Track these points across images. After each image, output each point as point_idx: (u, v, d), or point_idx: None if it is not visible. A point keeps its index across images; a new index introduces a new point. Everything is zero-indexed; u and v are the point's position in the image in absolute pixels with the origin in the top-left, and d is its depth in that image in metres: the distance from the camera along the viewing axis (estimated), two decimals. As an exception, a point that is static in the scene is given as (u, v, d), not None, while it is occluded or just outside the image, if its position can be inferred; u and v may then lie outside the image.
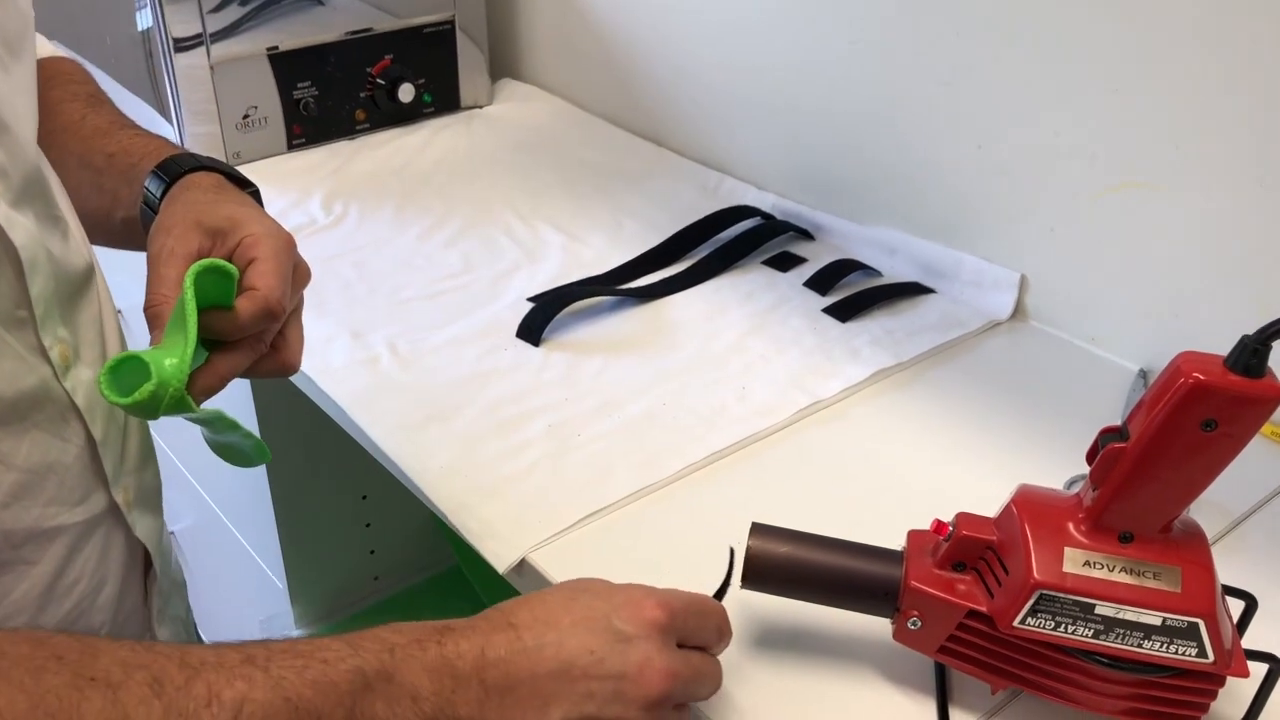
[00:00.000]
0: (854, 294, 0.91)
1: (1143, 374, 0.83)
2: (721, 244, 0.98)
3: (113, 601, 0.63)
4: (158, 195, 0.64)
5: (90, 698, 0.42)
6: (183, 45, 1.07)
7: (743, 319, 0.88)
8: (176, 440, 1.20)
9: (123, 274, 0.73)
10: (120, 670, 0.43)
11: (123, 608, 0.64)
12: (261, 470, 1.03)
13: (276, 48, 1.11)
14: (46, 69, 0.73)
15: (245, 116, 1.12)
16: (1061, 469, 0.70)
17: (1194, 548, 0.51)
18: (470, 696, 0.49)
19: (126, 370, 0.53)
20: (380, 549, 1.16)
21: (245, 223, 0.61)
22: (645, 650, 0.51)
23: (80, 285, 0.62)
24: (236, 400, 0.98)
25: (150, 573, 0.67)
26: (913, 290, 0.92)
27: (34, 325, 0.55)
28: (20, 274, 0.54)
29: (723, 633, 0.55)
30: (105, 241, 0.70)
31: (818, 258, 0.96)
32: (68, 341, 0.58)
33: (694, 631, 0.53)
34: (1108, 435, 0.50)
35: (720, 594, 0.56)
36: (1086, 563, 0.51)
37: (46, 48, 0.75)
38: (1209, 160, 0.76)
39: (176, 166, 0.65)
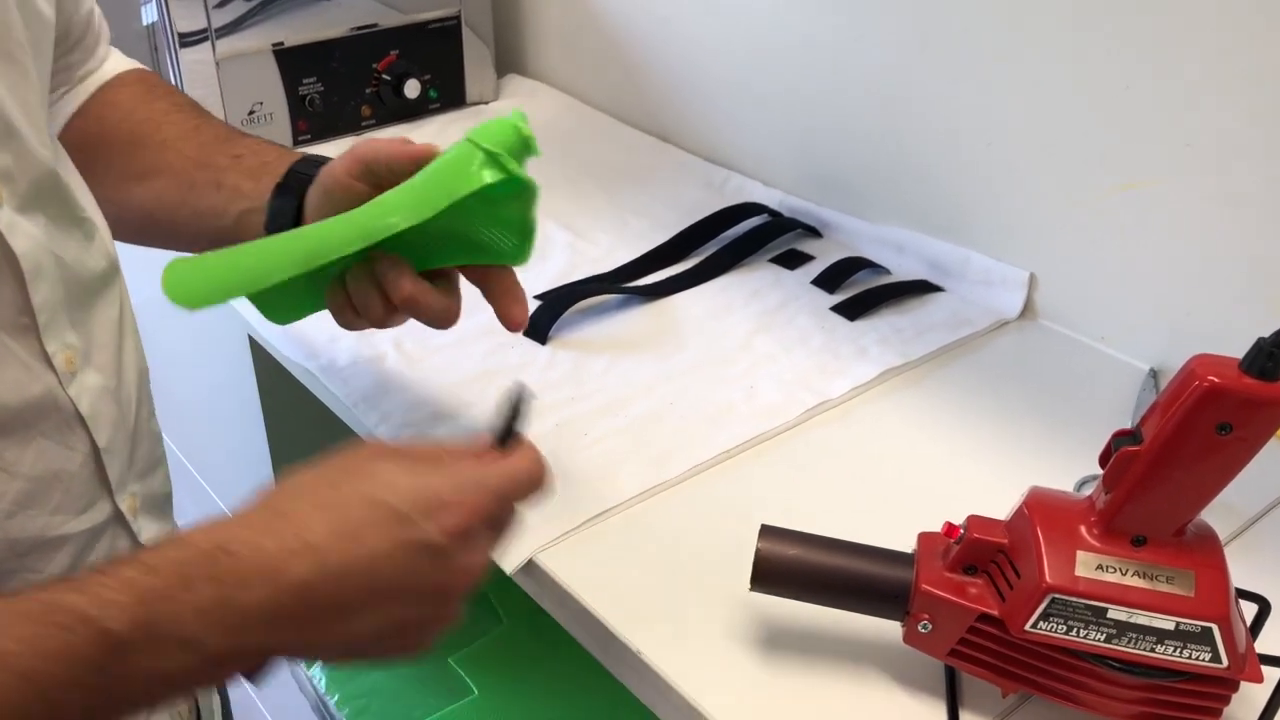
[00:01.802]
0: (862, 292, 0.90)
1: (1153, 373, 0.82)
2: (728, 241, 0.98)
3: None
4: (305, 183, 0.66)
5: None
6: (188, 40, 1.06)
7: (750, 317, 0.88)
8: (184, 440, 1.20)
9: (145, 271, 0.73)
10: None
11: None
12: (266, 466, 1.02)
13: (282, 43, 1.11)
14: (144, 80, 0.75)
15: (250, 112, 1.12)
16: (1072, 469, 0.70)
17: (1207, 551, 0.51)
18: (259, 626, 0.44)
19: None
20: (386, 546, 1.16)
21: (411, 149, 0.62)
22: (455, 561, 0.48)
23: (97, 288, 0.61)
24: (243, 397, 0.98)
25: None
26: (921, 288, 0.92)
27: (37, 332, 0.55)
28: (22, 281, 0.53)
29: (532, 494, 0.52)
30: (214, 243, 0.66)
31: (825, 255, 0.96)
32: (75, 347, 0.57)
33: (503, 518, 0.51)
34: (1121, 438, 0.50)
35: (503, 440, 0.53)
36: (1099, 566, 0.50)
37: (126, 61, 0.76)
38: (1223, 158, 0.75)
39: (321, 161, 0.67)
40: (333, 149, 1.15)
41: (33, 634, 0.40)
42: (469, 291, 0.72)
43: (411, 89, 1.19)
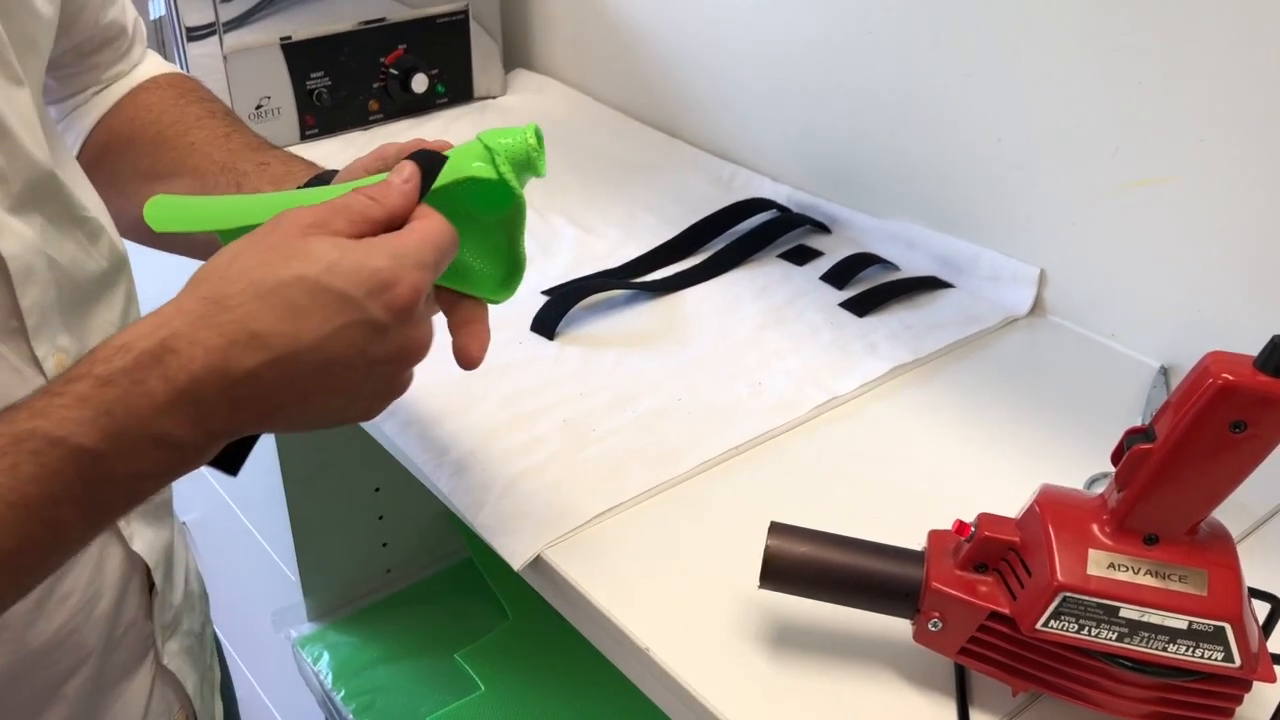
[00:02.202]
0: (871, 288, 0.90)
1: (1164, 371, 0.82)
2: (736, 237, 0.97)
3: (108, 616, 0.62)
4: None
5: None
6: (195, 34, 1.06)
7: (758, 313, 0.88)
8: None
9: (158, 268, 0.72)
10: None
11: (119, 623, 0.63)
12: (274, 463, 1.02)
13: (290, 37, 1.11)
14: (179, 85, 0.75)
15: (258, 107, 1.11)
16: (1082, 467, 0.70)
17: (1220, 550, 0.50)
18: (219, 416, 0.46)
19: None
20: (393, 541, 1.16)
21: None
22: (402, 333, 0.49)
23: (96, 290, 0.60)
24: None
25: (154, 588, 0.66)
26: (931, 285, 0.91)
27: (26, 336, 0.54)
28: (10, 283, 0.53)
29: (449, 258, 0.52)
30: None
31: (834, 251, 0.96)
32: (68, 350, 0.57)
33: (440, 267, 0.52)
34: (1134, 436, 0.50)
35: (423, 192, 0.54)
36: (1111, 565, 0.50)
37: (163, 64, 0.76)
38: (1235, 154, 0.75)
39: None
40: (340, 143, 1.15)
41: (10, 465, 0.42)
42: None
43: (419, 83, 1.19)
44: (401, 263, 0.49)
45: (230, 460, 0.50)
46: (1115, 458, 0.50)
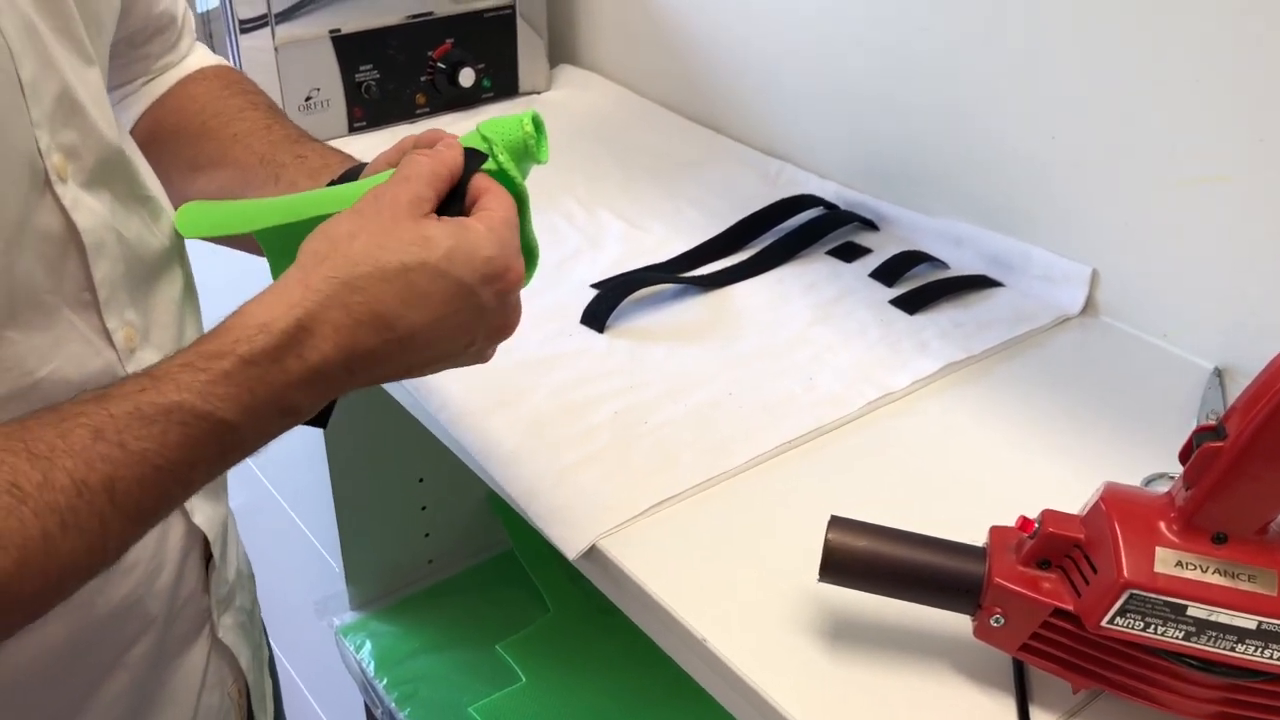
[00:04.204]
0: (921, 286, 0.90)
1: (1218, 372, 0.81)
2: (784, 233, 0.97)
3: (170, 587, 0.63)
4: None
5: None
6: (247, 26, 1.07)
7: (807, 309, 0.88)
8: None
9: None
10: None
11: (179, 594, 0.65)
12: (320, 453, 1.03)
13: (339, 30, 1.11)
14: (224, 77, 0.76)
15: (308, 99, 1.12)
16: (1137, 467, 0.69)
17: (1291, 550, 0.50)
18: (336, 385, 0.51)
19: None
20: (435, 532, 1.17)
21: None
22: (503, 313, 0.55)
23: (159, 267, 0.62)
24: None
25: (210, 562, 0.67)
26: (981, 283, 0.91)
27: (98, 308, 0.56)
28: (84, 257, 0.54)
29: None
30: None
31: (883, 249, 0.95)
32: (135, 325, 0.59)
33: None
34: (1203, 434, 0.49)
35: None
36: (1179, 563, 0.50)
37: (210, 56, 0.77)
38: (1295, 154, 0.74)
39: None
40: (387, 136, 1.16)
41: (160, 433, 0.46)
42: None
43: (466, 78, 1.19)
44: (506, 250, 0.53)
45: (322, 415, 0.54)
46: (1184, 456, 0.50)
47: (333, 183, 0.65)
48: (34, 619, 0.45)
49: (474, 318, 0.53)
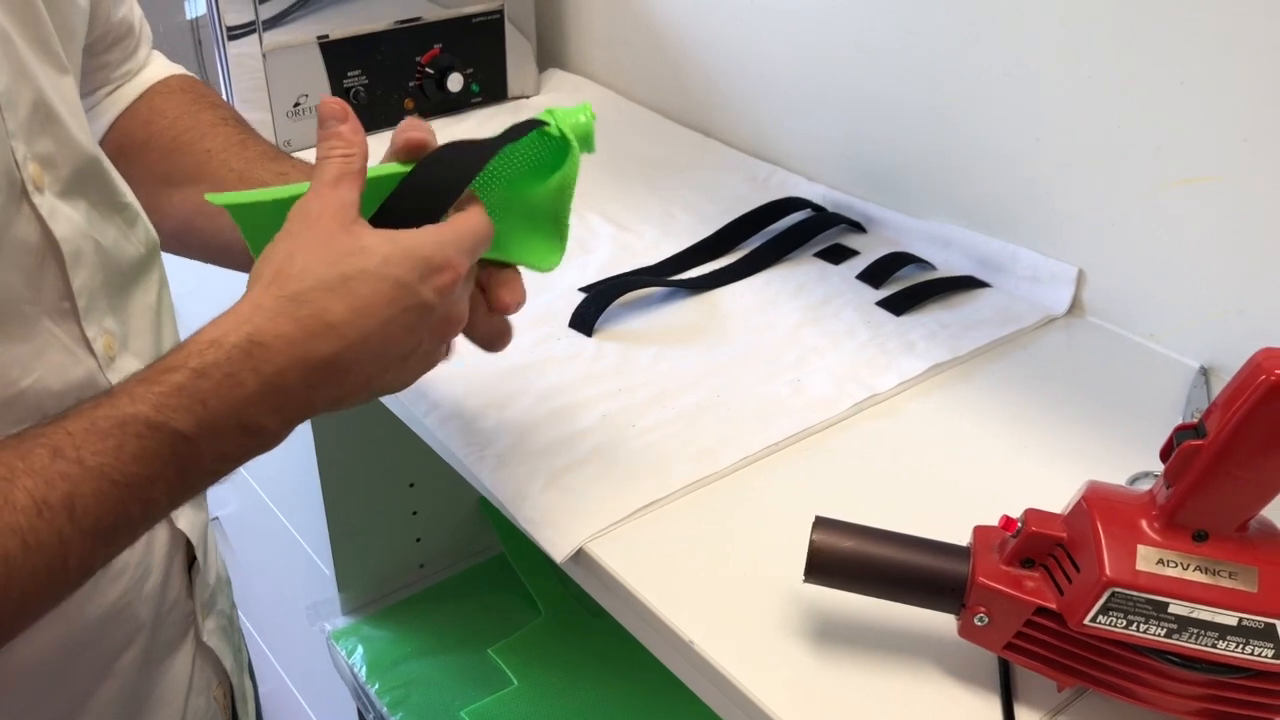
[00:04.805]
0: (908, 287, 0.90)
1: (1203, 371, 0.81)
2: (772, 236, 0.97)
3: (157, 591, 0.64)
4: None
5: None
6: (235, 33, 1.07)
7: (795, 311, 0.88)
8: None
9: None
10: None
11: (166, 598, 0.65)
12: (310, 459, 1.03)
13: (327, 36, 1.12)
14: (191, 89, 0.76)
15: (296, 104, 1.12)
16: (1122, 466, 0.70)
17: (1271, 547, 0.50)
18: (298, 404, 0.51)
19: None
20: (426, 537, 1.17)
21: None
22: (444, 312, 0.55)
23: (135, 274, 0.62)
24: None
25: (194, 566, 0.68)
26: (968, 284, 0.91)
27: (77, 317, 0.56)
28: (63, 265, 0.55)
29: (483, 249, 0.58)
30: (239, 249, 0.68)
31: (870, 250, 0.96)
32: (114, 333, 0.59)
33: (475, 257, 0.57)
34: (1183, 432, 0.50)
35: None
36: (1160, 561, 0.50)
37: (170, 65, 0.77)
38: (1277, 155, 0.75)
39: None
40: (376, 141, 1.15)
41: (115, 446, 0.46)
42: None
43: (454, 82, 1.19)
44: (444, 249, 0.54)
45: None
46: (1164, 454, 0.50)
47: None
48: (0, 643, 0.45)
49: (418, 317, 0.53)
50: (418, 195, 0.57)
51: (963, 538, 0.56)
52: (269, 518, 1.22)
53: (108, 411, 0.46)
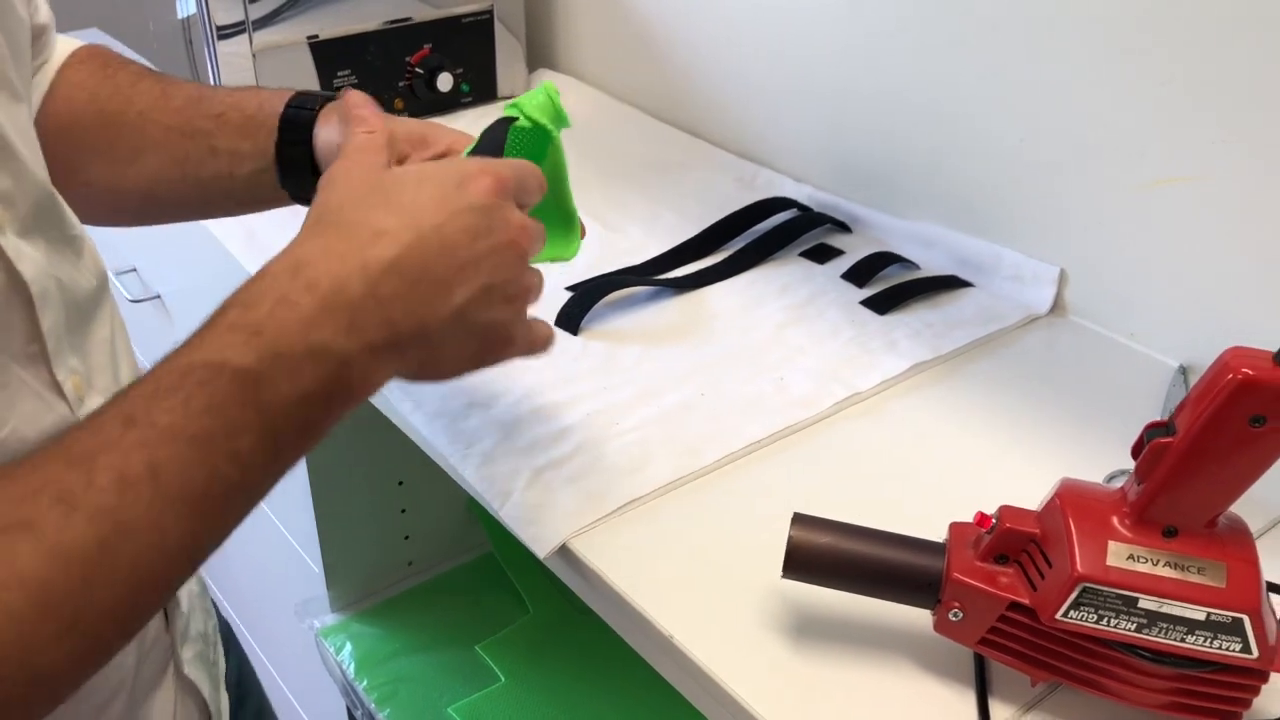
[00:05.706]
0: (892, 287, 0.91)
1: (1183, 370, 0.82)
2: (758, 235, 0.98)
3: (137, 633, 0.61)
4: (307, 125, 0.66)
5: (15, 547, 0.39)
6: (225, 33, 1.08)
7: (780, 310, 0.89)
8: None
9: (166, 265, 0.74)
10: (23, 504, 0.41)
11: (146, 638, 0.62)
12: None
13: (317, 36, 1.12)
14: (96, 56, 0.72)
15: (286, 104, 1.13)
16: (1101, 463, 0.70)
17: (1239, 543, 0.51)
18: (371, 318, 0.47)
19: None
20: (415, 535, 1.17)
21: (442, 132, 0.65)
22: (504, 215, 0.53)
23: (90, 308, 0.59)
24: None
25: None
26: (951, 284, 0.92)
27: (46, 360, 0.53)
28: (31, 307, 0.51)
29: (541, 186, 0.57)
30: (224, 206, 0.70)
31: (855, 250, 0.96)
32: (80, 372, 0.56)
33: (522, 188, 0.56)
34: (1154, 430, 0.50)
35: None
36: (1130, 556, 0.51)
37: (71, 40, 0.73)
38: (1256, 156, 0.75)
39: (313, 99, 0.67)
40: (366, 141, 1.17)
41: (183, 401, 0.43)
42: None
43: (444, 82, 1.20)
44: (474, 162, 0.54)
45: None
46: (1135, 451, 0.51)
47: (285, 135, 0.66)
48: (127, 638, 0.43)
49: (474, 218, 0.51)
50: None
51: (942, 534, 0.57)
52: (257, 515, 1.22)
53: (169, 365, 0.44)
